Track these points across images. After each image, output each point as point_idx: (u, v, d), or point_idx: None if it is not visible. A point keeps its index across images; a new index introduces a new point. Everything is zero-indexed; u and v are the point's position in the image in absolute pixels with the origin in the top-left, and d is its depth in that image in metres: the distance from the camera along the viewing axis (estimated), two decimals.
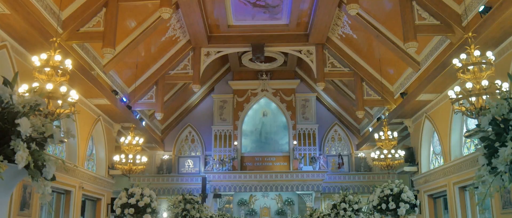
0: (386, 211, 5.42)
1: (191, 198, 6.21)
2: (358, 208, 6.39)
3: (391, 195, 5.43)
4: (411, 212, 5.35)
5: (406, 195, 5.31)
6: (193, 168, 24.17)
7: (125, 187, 5.91)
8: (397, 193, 5.36)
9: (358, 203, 6.44)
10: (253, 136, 24.44)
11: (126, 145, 15.67)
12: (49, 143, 2.81)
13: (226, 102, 24.39)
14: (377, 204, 5.41)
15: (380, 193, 5.47)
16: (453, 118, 14.80)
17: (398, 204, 5.34)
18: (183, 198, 6.20)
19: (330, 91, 23.66)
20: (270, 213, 23.17)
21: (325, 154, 24.03)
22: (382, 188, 5.51)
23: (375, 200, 5.51)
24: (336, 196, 6.60)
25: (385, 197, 5.42)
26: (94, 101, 16.14)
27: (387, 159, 15.70)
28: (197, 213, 6.10)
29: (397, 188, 5.41)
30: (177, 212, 6.15)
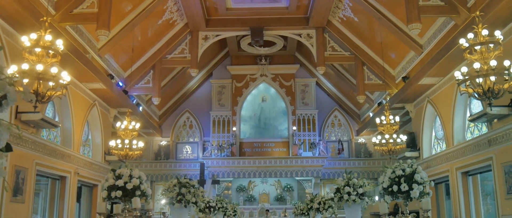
0: (398, 194, 5.04)
1: (186, 182, 5.88)
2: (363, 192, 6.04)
3: (403, 176, 5.00)
4: (425, 194, 4.96)
5: (420, 176, 4.91)
6: (191, 154, 23.90)
7: (113, 168, 5.54)
8: (409, 173, 4.93)
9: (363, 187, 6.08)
10: (252, 121, 24.14)
11: (122, 130, 15.33)
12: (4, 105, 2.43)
13: (224, 88, 24.06)
14: (388, 186, 5.01)
15: (391, 174, 5.07)
16: (456, 101, 14.47)
17: (411, 186, 4.93)
18: (178, 182, 5.87)
19: (330, 76, 23.31)
20: (269, 199, 22.95)
21: (324, 140, 23.74)
22: (393, 169, 5.09)
23: (386, 182, 5.12)
24: (339, 180, 6.26)
25: (397, 178, 4.99)
26: (89, 85, 15.79)
27: (389, 144, 15.37)
28: (192, 197, 5.78)
29: (409, 168, 4.99)
30: (172, 196, 5.82)
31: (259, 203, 22.73)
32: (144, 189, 5.32)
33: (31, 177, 12.26)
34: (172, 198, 5.83)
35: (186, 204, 5.77)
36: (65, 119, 15.04)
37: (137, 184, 5.29)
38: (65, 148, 14.66)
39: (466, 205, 14.23)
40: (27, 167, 12.04)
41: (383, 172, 5.07)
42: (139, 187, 5.32)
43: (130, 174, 5.35)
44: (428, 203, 4.86)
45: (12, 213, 11.29)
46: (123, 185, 5.27)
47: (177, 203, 5.78)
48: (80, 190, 17.27)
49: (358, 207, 6.14)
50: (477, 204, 14.17)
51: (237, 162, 22.26)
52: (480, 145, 13.00)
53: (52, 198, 14.69)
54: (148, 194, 5.47)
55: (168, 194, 5.88)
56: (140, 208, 5.21)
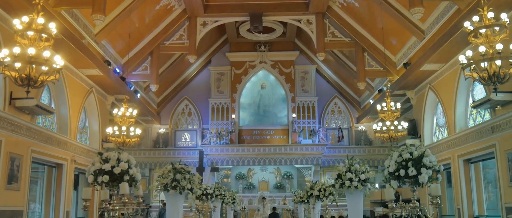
0: (405, 178, 4.78)
1: (181, 167, 5.65)
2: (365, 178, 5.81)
3: (411, 160, 4.72)
4: (434, 179, 4.70)
5: (429, 159, 4.64)
6: (190, 141, 23.74)
7: (100, 152, 5.29)
8: (417, 157, 4.66)
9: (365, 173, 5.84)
10: (251, 108, 23.94)
11: (119, 116, 15.10)
12: None
13: (223, 75, 23.83)
14: (394, 170, 4.76)
15: (397, 157, 4.80)
16: (459, 88, 14.24)
17: (419, 170, 4.67)
18: (172, 168, 5.65)
19: (330, 63, 23.05)
20: (268, 187, 22.82)
21: (324, 127, 23.56)
22: (400, 152, 4.83)
23: (392, 166, 4.86)
24: (341, 166, 6.04)
25: (404, 162, 4.72)
26: (85, 71, 15.54)
27: (390, 130, 15.16)
28: (188, 184, 5.56)
29: (417, 151, 4.73)
30: (167, 182, 5.60)
31: (258, 191, 22.60)
32: (133, 174, 5.07)
33: (27, 164, 12.06)
34: (166, 184, 5.60)
35: (181, 190, 5.56)
36: (61, 106, 14.80)
37: (125, 168, 5.03)
38: (62, 135, 14.45)
39: (468, 193, 14.06)
40: (22, 154, 11.83)
41: (389, 155, 4.79)
42: (128, 172, 5.06)
43: (118, 158, 5.07)
44: (437, 189, 4.62)
45: (7, 201, 11.11)
46: (111, 169, 5.02)
47: (171, 190, 5.56)
48: (78, 178, 17.09)
49: (360, 194, 5.91)
50: (479, 192, 14.01)
51: (236, 149, 22.10)
52: (483, 132, 12.79)
53: (48, 186, 14.51)
54: (138, 179, 5.21)
55: (162, 180, 5.65)
56: (128, 193, 4.95)
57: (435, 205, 4.65)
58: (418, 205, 4.70)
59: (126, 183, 5.01)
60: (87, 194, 5.10)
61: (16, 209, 11.49)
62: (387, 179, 4.89)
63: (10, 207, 11.25)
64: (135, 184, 5.19)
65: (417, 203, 4.78)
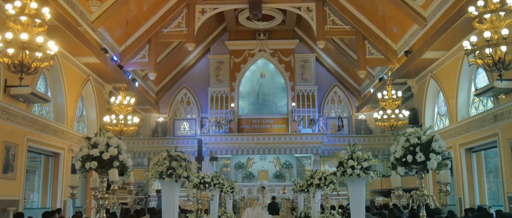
0: (412, 165, 4.56)
1: (177, 155, 5.46)
2: (368, 166, 5.62)
3: (419, 145, 4.46)
4: (443, 165, 4.49)
5: (438, 144, 4.38)
6: (189, 130, 23.56)
7: (87, 136, 5.08)
8: (426, 142, 4.42)
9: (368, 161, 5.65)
10: (250, 97, 23.74)
11: (116, 105, 14.91)
12: None
13: (222, 63, 23.59)
14: (401, 156, 4.55)
15: (404, 142, 4.55)
16: (461, 76, 14.05)
17: (427, 156, 4.45)
18: (168, 155, 5.47)
19: (330, 52, 22.81)
20: (268, 176, 22.68)
21: (324, 116, 23.37)
22: (407, 136, 4.61)
23: (399, 151, 4.60)
24: (342, 153, 5.84)
25: (411, 147, 4.50)
26: (82, 59, 15.31)
27: (391, 119, 14.98)
28: (184, 172, 5.37)
29: (426, 136, 4.51)
30: (162, 170, 5.41)
31: (258, 180, 22.46)
32: (123, 160, 4.82)
33: (22, 153, 11.89)
34: (162, 172, 5.42)
35: (177, 178, 5.38)
36: (58, 94, 14.60)
37: (114, 153, 4.78)
38: (58, 123, 14.27)
39: (470, 182, 13.92)
40: (17, 142, 11.65)
41: (396, 140, 4.58)
42: (117, 157, 4.84)
43: (107, 143, 4.85)
44: (447, 176, 4.41)
45: (3, 190, 10.96)
46: (99, 155, 4.80)
47: (167, 178, 5.38)
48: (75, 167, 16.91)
49: (363, 182, 5.73)
50: (481, 181, 13.87)
51: (236, 138, 21.94)
52: (485, 121, 12.62)
53: (45, 175, 14.35)
54: (128, 165, 4.99)
55: (157, 168, 5.46)
56: (118, 180, 4.74)
57: (445, 193, 4.45)
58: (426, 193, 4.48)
59: (115, 170, 4.75)
60: (74, 181, 4.87)
61: (12, 199, 11.35)
62: (393, 165, 4.65)
63: (5, 196, 11.10)
64: (126, 171, 4.95)
65: (425, 191, 4.55)
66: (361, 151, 5.82)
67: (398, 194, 4.59)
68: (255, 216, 17.02)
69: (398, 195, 4.58)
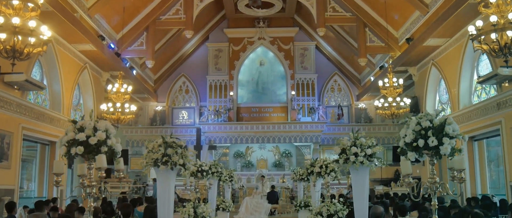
0: (424, 150, 4.23)
1: (173, 141, 5.25)
2: (372, 153, 5.40)
3: (431, 128, 4.19)
4: (457, 150, 4.20)
5: (452, 127, 4.10)
6: (187, 119, 23.36)
7: (73, 120, 4.81)
8: (438, 125, 4.15)
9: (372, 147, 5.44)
10: (249, 86, 23.51)
11: (113, 93, 14.68)
12: None
13: (221, 51, 23.31)
14: (412, 140, 4.28)
15: (415, 126, 4.26)
16: (463, 63, 13.82)
17: (440, 140, 4.19)
18: (163, 142, 5.25)
19: (330, 39, 22.55)
20: (267, 165, 22.52)
21: (324, 105, 23.16)
22: (418, 119, 4.33)
23: (409, 135, 4.26)
24: (345, 139, 5.63)
25: (423, 131, 4.21)
26: (78, 47, 15.06)
27: (392, 107, 14.78)
28: (180, 159, 5.16)
29: (438, 119, 4.22)
30: (157, 158, 5.20)
31: (257, 169, 22.31)
32: (112, 145, 4.55)
33: (17, 142, 11.69)
34: (156, 159, 5.20)
35: (172, 166, 5.16)
36: (54, 82, 14.37)
37: (102, 138, 4.50)
38: (54, 111, 14.05)
39: (471, 171, 13.76)
40: (12, 131, 11.45)
41: (405, 124, 4.29)
42: (106, 142, 4.57)
43: (95, 126, 4.58)
44: (462, 162, 4.19)
45: None
46: (86, 140, 4.53)
47: (162, 165, 5.16)
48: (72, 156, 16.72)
49: (366, 170, 5.51)
50: (483, 170, 13.70)
51: (235, 127, 21.75)
52: (488, 109, 12.43)
53: (41, 164, 14.16)
54: (118, 150, 4.72)
55: (152, 155, 5.25)
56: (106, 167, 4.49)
57: (459, 181, 4.22)
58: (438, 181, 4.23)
59: (103, 155, 4.47)
60: (58, 167, 4.60)
61: (7, 188, 11.17)
62: (403, 151, 4.38)
63: (1, 185, 10.92)
64: (115, 157, 4.69)
65: (437, 178, 4.30)
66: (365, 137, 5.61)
67: (409, 182, 4.32)
68: (254, 205, 16.88)
69: (409, 182, 4.32)
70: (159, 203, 5.32)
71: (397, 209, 6.91)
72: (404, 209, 6.84)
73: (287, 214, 17.16)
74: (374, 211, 5.62)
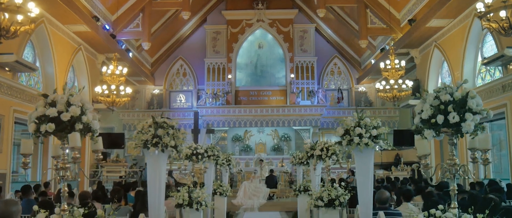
0: (443, 127, 3.69)
1: (163, 121, 4.90)
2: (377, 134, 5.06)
3: (452, 103, 3.71)
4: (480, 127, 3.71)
5: (475, 101, 3.58)
6: (185, 102, 23.03)
7: (44, 93, 4.28)
8: (460, 99, 3.69)
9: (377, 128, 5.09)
10: (248, 69, 23.13)
11: (108, 75, 14.32)
12: None
13: (219, 34, 22.87)
14: (430, 116, 3.72)
15: (433, 100, 3.76)
16: (467, 45, 13.46)
17: (463, 116, 3.66)
18: (153, 122, 4.91)
19: (330, 22, 22.13)
20: (265, 149, 22.25)
21: (323, 88, 22.82)
22: (437, 92, 3.82)
23: (427, 111, 3.74)
24: (348, 119, 5.29)
25: (442, 106, 3.70)
26: (72, 28, 14.67)
27: (393, 89, 14.44)
28: (171, 141, 4.83)
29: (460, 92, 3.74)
30: (146, 139, 4.87)
31: (255, 153, 22.05)
32: (87, 122, 4.07)
33: (9, 125, 11.38)
34: (146, 141, 4.87)
35: (163, 148, 4.83)
36: (47, 64, 14.00)
37: (76, 114, 4.01)
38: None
39: None
40: (3, 113, 11.13)
41: (422, 99, 3.82)
42: (80, 119, 4.05)
43: (68, 101, 4.13)
44: (487, 141, 3.78)
45: None
46: (57, 116, 4.08)
47: (152, 147, 4.83)
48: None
49: (371, 153, 5.18)
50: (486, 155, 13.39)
51: (233, 110, 21.44)
52: (492, 91, 12.10)
53: (35, 148, 13.81)
54: (95, 128, 4.28)
55: (141, 136, 4.91)
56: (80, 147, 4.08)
57: (484, 163, 3.83)
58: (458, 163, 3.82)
59: (76, 134, 3.99)
60: (26, 147, 4.16)
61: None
62: (418, 129, 3.96)
63: None
64: (92, 136, 4.28)
65: (456, 160, 3.88)
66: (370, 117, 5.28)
67: (426, 163, 3.92)
68: (252, 189, 16.64)
69: (426, 164, 3.92)
70: (149, 188, 5.00)
71: (402, 193, 6.63)
72: (409, 193, 6.56)
73: (286, 198, 16.94)
74: (379, 196, 5.33)
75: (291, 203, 15.02)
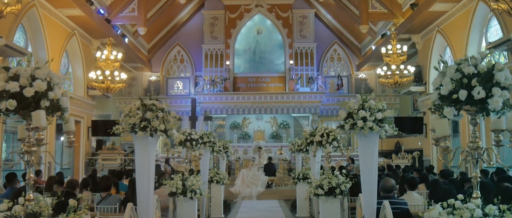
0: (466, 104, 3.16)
1: (152, 103, 4.58)
2: (382, 118, 4.73)
3: (477, 76, 3.13)
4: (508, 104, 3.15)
5: (503, 75, 3.03)
6: (182, 89, 22.70)
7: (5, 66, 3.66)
8: (485, 72, 3.10)
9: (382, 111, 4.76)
10: (246, 55, 22.76)
11: (103, 60, 13.96)
12: None
13: (217, 19, 22.48)
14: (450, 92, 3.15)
15: (455, 73, 3.15)
16: (471, 29, 13.10)
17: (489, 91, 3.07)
18: (141, 105, 4.59)
19: (330, 7, 21.72)
20: (264, 137, 21.97)
21: (323, 75, 22.48)
22: (458, 65, 3.21)
23: (446, 86, 3.15)
24: (351, 102, 4.96)
25: (465, 79, 3.12)
26: (65, 12, 14.29)
27: (395, 75, 14.11)
28: (161, 124, 4.50)
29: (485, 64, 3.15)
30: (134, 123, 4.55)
31: (254, 140, 21.79)
32: (55, 98, 3.48)
33: None
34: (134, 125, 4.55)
35: (152, 132, 4.51)
36: (39, 49, 13.63)
37: (41, 89, 3.41)
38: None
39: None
40: None
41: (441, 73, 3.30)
42: (47, 95, 3.46)
43: (32, 75, 3.45)
44: None
45: None
46: (20, 91, 3.37)
47: (140, 131, 4.51)
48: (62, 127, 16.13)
49: (376, 137, 4.85)
50: (489, 142, 13.11)
51: (231, 97, 21.13)
52: None
53: None
54: (65, 107, 3.64)
55: (129, 119, 4.58)
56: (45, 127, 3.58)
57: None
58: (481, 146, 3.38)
59: (41, 112, 3.42)
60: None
61: None
62: (437, 106, 3.39)
63: None
64: (62, 114, 3.74)
65: (480, 142, 3.42)
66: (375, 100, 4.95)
67: (445, 146, 3.48)
68: (250, 177, 16.40)
69: (446, 147, 3.48)
70: (137, 175, 4.69)
71: (406, 181, 6.33)
72: (414, 182, 6.26)
73: (285, 186, 16.70)
74: (384, 184, 5.03)
75: (290, 191, 14.78)
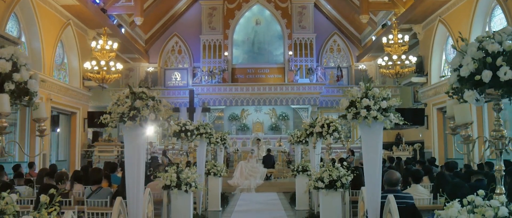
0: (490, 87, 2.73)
1: (142, 91, 4.33)
2: (386, 107, 4.48)
3: (502, 54, 2.70)
4: None
5: None
6: (180, 81, 22.43)
7: None
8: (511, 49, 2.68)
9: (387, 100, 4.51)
10: (245, 46, 22.47)
11: (98, 50, 13.67)
12: None
13: (215, 10, 22.16)
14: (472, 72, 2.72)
15: (476, 52, 2.75)
16: (474, 18, 12.82)
17: None
18: (130, 93, 4.34)
19: None
20: (263, 128, 21.74)
21: (322, 66, 22.21)
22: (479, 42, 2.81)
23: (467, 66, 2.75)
24: (354, 90, 4.70)
25: (489, 58, 2.69)
26: (60, 1, 14.00)
27: (396, 65, 13.84)
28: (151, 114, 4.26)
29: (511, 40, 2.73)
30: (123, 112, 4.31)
31: (252, 132, 21.55)
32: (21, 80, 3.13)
33: None
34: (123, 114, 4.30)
35: (142, 122, 4.27)
36: (33, 39, 13.36)
37: (5, 70, 3.07)
38: (34, 71, 13.03)
39: (480, 134, 12.94)
40: None
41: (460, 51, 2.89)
42: (11, 77, 3.10)
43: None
44: None
45: None
46: None
47: (129, 121, 4.27)
48: (57, 119, 15.91)
49: (380, 127, 4.58)
50: None
51: (229, 88, 20.86)
52: None
53: (22, 127, 13.25)
54: (34, 91, 3.37)
55: (117, 108, 4.34)
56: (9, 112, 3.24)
57: None
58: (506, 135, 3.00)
59: (4, 96, 3.11)
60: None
61: None
62: (456, 90, 3.00)
63: None
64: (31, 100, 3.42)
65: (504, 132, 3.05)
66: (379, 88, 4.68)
67: (467, 135, 3.11)
68: (249, 169, 16.17)
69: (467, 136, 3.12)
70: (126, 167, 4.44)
71: (411, 174, 6.09)
72: (419, 174, 6.02)
73: (284, 178, 16.47)
74: (389, 177, 4.79)
75: (289, 184, 14.56)
